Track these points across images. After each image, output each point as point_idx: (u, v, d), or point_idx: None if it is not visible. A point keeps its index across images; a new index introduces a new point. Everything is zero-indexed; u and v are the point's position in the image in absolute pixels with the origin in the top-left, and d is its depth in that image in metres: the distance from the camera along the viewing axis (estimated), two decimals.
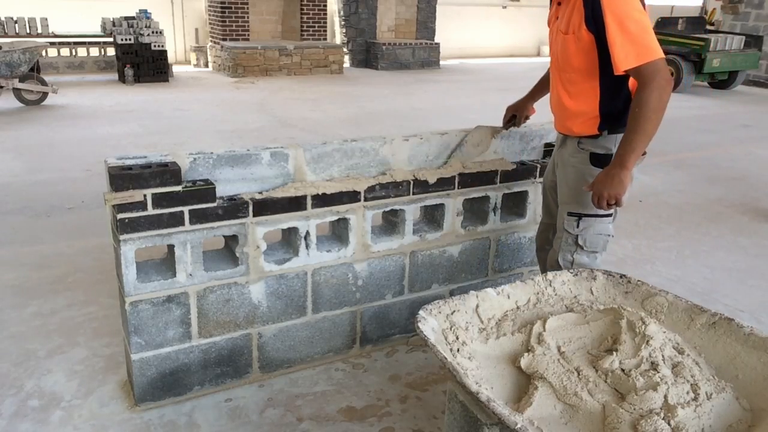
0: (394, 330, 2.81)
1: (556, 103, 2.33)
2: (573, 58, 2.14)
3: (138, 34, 10.18)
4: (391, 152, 2.64)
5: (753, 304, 3.34)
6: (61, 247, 3.79)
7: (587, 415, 1.62)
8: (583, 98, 2.19)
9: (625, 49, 1.97)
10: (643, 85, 1.98)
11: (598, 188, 2.10)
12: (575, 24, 2.08)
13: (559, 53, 2.21)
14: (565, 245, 2.31)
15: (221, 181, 2.30)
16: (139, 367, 2.28)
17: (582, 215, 2.27)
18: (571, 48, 2.13)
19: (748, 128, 8.40)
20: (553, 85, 2.34)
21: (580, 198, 2.26)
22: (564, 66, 2.20)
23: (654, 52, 1.98)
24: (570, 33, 2.11)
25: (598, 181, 2.11)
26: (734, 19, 12.88)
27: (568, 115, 2.26)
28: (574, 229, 2.29)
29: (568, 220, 2.30)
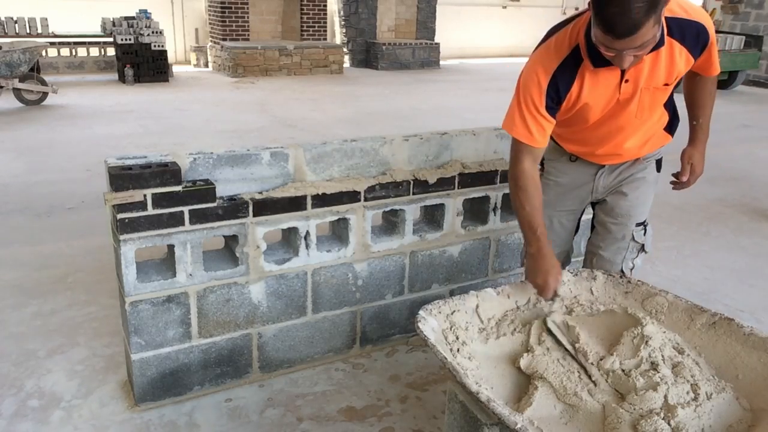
0: (394, 330, 2.81)
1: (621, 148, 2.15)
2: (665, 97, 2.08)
3: (138, 34, 10.18)
4: (391, 152, 2.64)
5: (753, 304, 3.34)
6: (61, 247, 3.79)
7: (587, 415, 1.62)
8: (660, 121, 2.16)
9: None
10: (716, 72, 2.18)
11: (701, 169, 2.32)
12: (681, 67, 1.96)
13: (649, 105, 2.02)
14: (630, 253, 2.28)
15: (221, 181, 2.30)
16: (139, 367, 2.28)
17: (645, 222, 2.29)
18: (668, 91, 2.07)
19: (748, 128, 8.40)
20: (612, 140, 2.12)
21: (647, 207, 2.28)
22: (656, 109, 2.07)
23: None
24: (674, 79, 1.99)
25: (697, 162, 2.31)
26: (734, 19, 12.88)
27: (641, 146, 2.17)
28: (641, 238, 2.28)
29: (637, 232, 2.26)
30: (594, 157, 2.23)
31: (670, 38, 1.89)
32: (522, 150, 1.98)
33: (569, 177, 2.31)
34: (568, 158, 2.28)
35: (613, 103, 1.99)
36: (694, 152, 2.32)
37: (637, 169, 2.24)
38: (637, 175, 2.24)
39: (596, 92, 1.96)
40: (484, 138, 2.82)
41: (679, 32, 1.90)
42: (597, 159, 2.23)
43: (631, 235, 2.26)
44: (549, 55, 1.94)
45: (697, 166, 2.31)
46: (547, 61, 1.93)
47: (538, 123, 1.95)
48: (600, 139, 2.14)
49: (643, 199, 2.26)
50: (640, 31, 1.63)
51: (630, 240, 2.27)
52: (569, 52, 1.91)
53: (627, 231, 2.27)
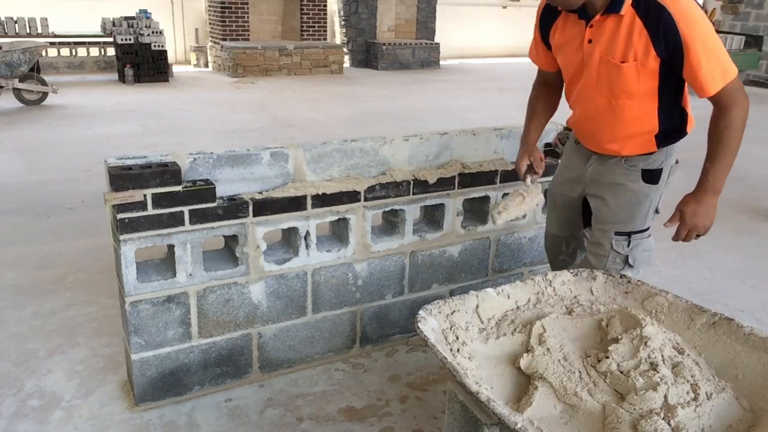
0: (394, 330, 2.81)
1: (594, 128, 2.15)
2: (632, 85, 1.96)
3: (138, 34, 10.18)
4: (391, 152, 2.64)
5: (753, 304, 3.34)
6: (61, 247, 3.79)
7: (587, 415, 1.62)
8: (639, 122, 2.05)
9: (712, 71, 1.84)
10: (730, 105, 1.89)
11: (692, 221, 2.01)
12: (639, 52, 1.88)
13: (605, 80, 1.99)
14: (612, 264, 2.21)
15: (221, 181, 2.30)
16: (139, 367, 2.28)
17: (631, 233, 2.19)
18: (630, 76, 1.94)
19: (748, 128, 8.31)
20: (588, 110, 2.13)
21: (630, 217, 2.18)
22: (617, 93, 2.00)
23: (734, 68, 1.88)
24: (630, 61, 1.90)
25: (690, 213, 2.01)
26: (734, 19, 12.88)
27: (616, 139, 2.11)
28: (624, 249, 2.20)
29: (617, 240, 2.19)
30: (579, 135, 2.28)
31: (634, 11, 1.86)
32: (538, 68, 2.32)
33: (570, 160, 2.37)
34: (575, 141, 2.36)
35: (578, 61, 2.06)
36: (689, 199, 2.05)
37: (620, 174, 2.16)
38: (619, 180, 2.16)
39: (566, 38, 2.08)
40: (484, 138, 2.82)
41: (644, 9, 1.85)
42: (582, 138, 2.27)
43: (611, 243, 2.20)
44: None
45: (688, 217, 2.04)
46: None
47: (536, 46, 2.25)
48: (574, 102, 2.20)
49: (625, 208, 2.17)
50: None
51: (610, 249, 2.21)
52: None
53: (605, 238, 2.21)
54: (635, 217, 2.19)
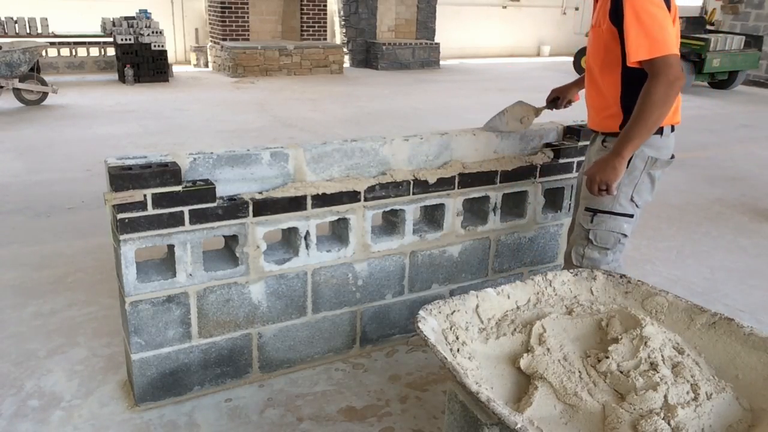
0: (394, 330, 2.81)
1: (587, 98, 2.40)
2: (600, 51, 2.22)
3: (138, 34, 10.18)
4: (391, 152, 2.64)
5: (753, 304, 3.34)
6: (61, 247, 3.79)
7: (587, 415, 1.62)
8: (606, 92, 2.26)
9: (639, 40, 2.01)
10: (652, 78, 2.02)
11: (591, 172, 2.18)
12: (600, 17, 2.17)
13: (593, 45, 2.27)
14: (578, 239, 2.37)
15: (221, 181, 2.30)
16: (139, 367, 2.28)
17: (597, 211, 2.30)
18: (599, 41, 2.21)
19: (748, 128, 8.40)
20: (586, 80, 2.41)
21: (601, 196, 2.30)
22: (594, 59, 2.28)
23: (666, 47, 2.01)
24: (597, 26, 2.20)
25: (593, 166, 2.20)
26: (734, 19, 12.88)
27: (597, 110, 2.33)
28: (587, 224, 2.33)
29: (584, 215, 2.34)
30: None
31: None
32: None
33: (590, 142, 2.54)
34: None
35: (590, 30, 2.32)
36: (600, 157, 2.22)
37: (595, 150, 2.39)
38: (592, 157, 2.38)
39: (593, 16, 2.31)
40: (484, 138, 2.82)
41: None
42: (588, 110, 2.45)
43: (581, 217, 2.35)
44: None
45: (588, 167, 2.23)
46: None
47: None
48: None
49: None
50: None
51: (580, 225, 2.35)
52: None
53: (579, 214, 2.38)
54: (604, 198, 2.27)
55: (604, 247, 2.33)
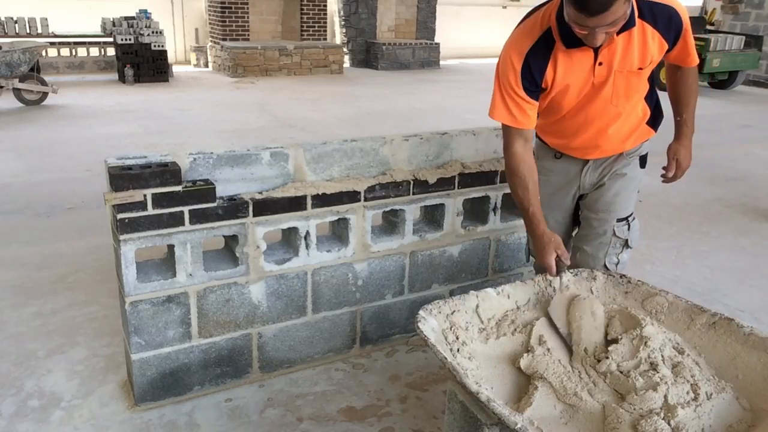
0: (394, 330, 2.81)
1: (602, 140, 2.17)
2: (642, 84, 2.10)
3: (138, 34, 10.18)
4: (391, 152, 2.64)
5: (753, 304, 3.34)
6: (61, 247, 3.79)
7: (587, 415, 1.62)
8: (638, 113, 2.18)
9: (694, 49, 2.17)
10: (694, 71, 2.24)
11: (687, 163, 2.33)
12: (654, 52, 2.01)
13: (623, 91, 2.05)
14: (613, 249, 2.28)
15: (221, 181, 2.30)
16: (139, 367, 2.28)
17: (628, 217, 2.29)
18: (643, 77, 2.08)
19: (748, 128, 8.40)
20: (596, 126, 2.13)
21: (628, 203, 2.30)
22: (633, 98, 2.10)
23: None
24: (647, 66, 2.03)
25: (683, 156, 2.31)
26: (734, 19, 12.88)
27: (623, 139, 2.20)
28: (625, 233, 2.28)
29: (618, 227, 2.27)
30: (573, 151, 2.27)
31: (642, 20, 1.96)
32: (510, 133, 2.08)
33: (556, 175, 2.34)
34: (553, 155, 2.33)
35: (588, 87, 2.04)
36: (679, 147, 2.32)
37: (621, 164, 2.27)
38: (619, 170, 2.27)
39: (571, 74, 2.01)
40: (484, 138, 2.82)
41: (650, 15, 1.97)
42: (576, 153, 2.27)
43: (613, 230, 2.28)
44: (522, 38, 2.02)
45: (683, 160, 2.33)
46: (520, 44, 2.01)
47: (518, 105, 2.02)
48: (578, 128, 2.17)
49: (624, 195, 2.27)
50: (611, 8, 1.71)
51: (612, 235, 2.28)
52: (541, 34, 1.98)
53: (608, 226, 2.28)
54: (632, 201, 2.31)
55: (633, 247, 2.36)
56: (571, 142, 2.24)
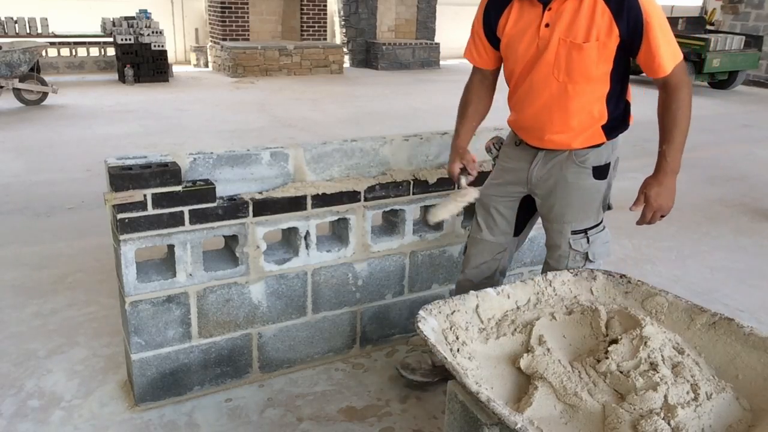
0: (394, 330, 2.81)
1: (546, 118, 2.11)
2: (592, 67, 1.97)
3: (138, 34, 10.18)
4: (391, 152, 2.64)
5: (753, 304, 3.34)
6: (61, 247, 3.79)
7: (587, 415, 1.62)
8: (590, 109, 2.06)
9: (667, 51, 1.92)
10: (679, 86, 1.96)
11: (657, 202, 2.04)
12: (601, 30, 1.91)
13: (564, 64, 1.98)
14: (573, 262, 2.23)
15: (221, 181, 2.30)
16: (139, 367, 2.28)
17: (587, 230, 2.20)
18: (590, 57, 1.95)
19: (748, 128, 8.40)
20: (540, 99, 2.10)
21: (584, 214, 2.19)
22: (575, 77, 2.00)
23: (680, 51, 1.98)
24: (593, 41, 1.92)
25: (655, 195, 2.04)
26: (734, 19, 12.88)
27: (568, 128, 2.09)
28: (583, 247, 2.21)
29: (574, 239, 2.20)
30: (525, 133, 2.22)
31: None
32: (472, 70, 2.28)
33: (512, 162, 2.30)
34: (515, 143, 2.30)
35: (533, 49, 2.04)
36: (651, 182, 2.07)
37: (571, 171, 2.15)
38: (570, 178, 2.15)
39: (520, 28, 2.05)
40: (485, 138, 2.82)
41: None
42: (527, 135, 2.21)
43: (569, 242, 2.20)
44: None
45: (653, 199, 2.05)
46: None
47: (477, 45, 2.21)
48: (524, 97, 2.14)
49: (578, 206, 2.17)
50: None
51: (568, 248, 2.21)
52: None
53: (562, 238, 2.21)
54: (589, 214, 2.19)
55: (599, 261, 2.26)
56: (520, 116, 2.20)
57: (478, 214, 2.39)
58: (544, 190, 2.21)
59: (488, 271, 2.40)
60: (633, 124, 2.22)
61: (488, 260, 2.39)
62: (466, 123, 2.32)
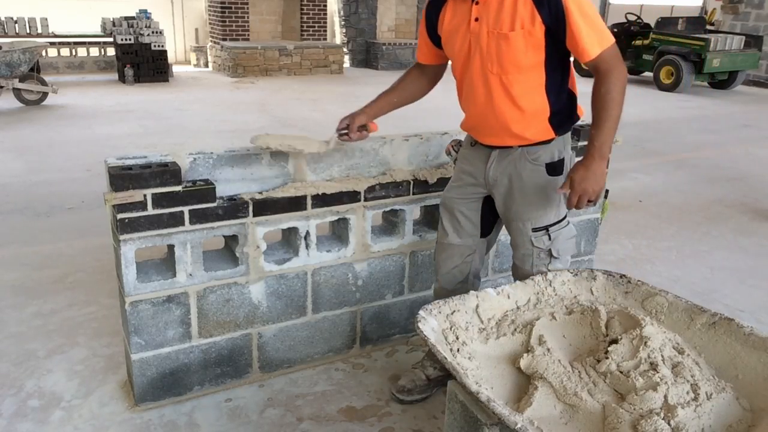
0: (394, 330, 2.81)
1: (490, 114, 2.12)
2: (521, 56, 1.98)
3: (138, 34, 10.18)
4: (391, 152, 2.64)
5: (753, 304, 3.34)
6: (61, 247, 3.79)
7: (587, 415, 1.62)
8: (530, 99, 2.06)
9: (590, 35, 1.91)
10: (609, 71, 1.94)
11: (582, 186, 1.98)
12: (525, 18, 1.93)
13: (495, 55, 2.01)
14: (538, 260, 2.21)
15: (221, 181, 2.30)
16: (139, 367, 2.28)
17: (549, 227, 2.18)
18: (518, 46, 1.97)
19: (748, 128, 8.40)
20: (481, 96, 2.12)
21: (543, 211, 2.17)
22: (506, 67, 2.01)
23: (610, 37, 1.96)
24: (518, 29, 1.94)
25: (579, 179, 1.98)
26: (734, 19, 12.88)
27: (516, 125, 2.09)
28: (545, 244, 2.19)
29: (536, 237, 2.18)
30: (475, 132, 2.25)
31: None
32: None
33: (469, 163, 2.31)
34: (470, 143, 2.32)
35: (467, 45, 2.09)
36: (577, 166, 2.02)
37: (525, 169, 2.14)
38: (524, 176, 2.15)
39: (455, 23, 2.12)
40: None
41: None
42: (478, 134, 2.24)
43: (530, 240, 2.19)
44: None
45: (577, 182, 1.99)
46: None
47: (423, 43, 2.35)
48: (468, 95, 2.19)
49: (536, 203, 2.16)
50: None
51: (531, 246, 2.19)
52: None
53: (524, 237, 2.20)
54: (548, 210, 2.17)
55: (565, 257, 2.24)
56: (468, 115, 2.25)
57: (443, 218, 2.38)
58: (501, 189, 2.22)
59: (461, 275, 2.40)
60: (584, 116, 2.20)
61: (459, 264, 2.38)
62: (388, 94, 2.50)
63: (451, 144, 2.51)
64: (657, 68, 11.19)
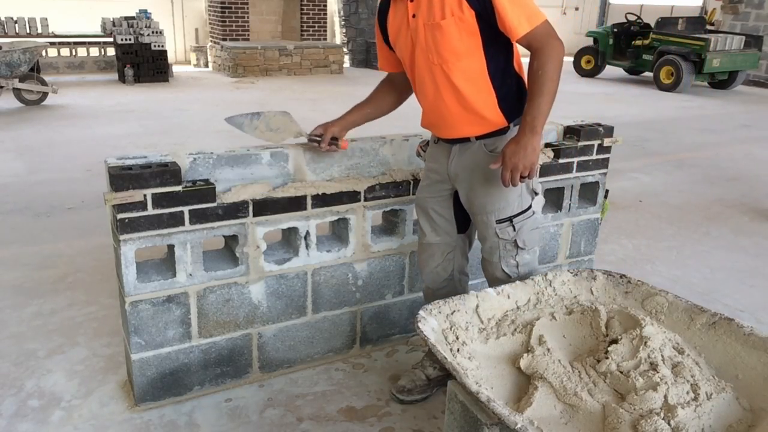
0: (394, 330, 2.81)
1: (441, 106, 2.16)
2: (456, 43, 2.01)
3: (138, 34, 10.18)
4: (391, 152, 2.64)
5: (753, 304, 3.34)
6: (61, 247, 3.79)
7: (587, 415, 1.63)
8: (476, 86, 2.08)
9: (516, 14, 1.93)
10: (541, 48, 1.95)
11: (512, 161, 1.95)
12: (453, 6, 1.97)
13: (433, 46, 2.05)
14: (505, 252, 2.21)
15: (221, 181, 2.30)
16: (139, 367, 2.28)
17: (512, 217, 2.18)
18: (452, 34, 2.00)
19: (748, 128, 8.40)
20: (429, 89, 2.16)
21: (505, 202, 2.17)
22: (445, 56, 2.05)
23: (541, 15, 1.98)
24: (448, 17, 1.98)
25: (510, 153, 1.96)
26: (734, 19, 12.88)
27: (467, 114, 2.12)
28: (510, 235, 2.19)
29: (500, 228, 2.18)
30: (433, 127, 2.29)
31: None
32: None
33: (434, 160, 2.34)
34: (434, 141, 2.35)
35: (410, 41, 2.13)
36: (510, 142, 2.00)
37: (484, 161, 2.14)
38: (483, 168, 2.14)
39: (396, 24, 2.18)
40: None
41: None
42: (435, 129, 2.28)
43: (495, 232, 2.19)
44: None
45: (508, 156, 1.97)
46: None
47: (379, 47, 2.37)
48: (419, 89, 2.23)
49: (497, 195, 2.15)
50: None
51: (496, 238, 2.20)
52: None
53: (489, 229, 2.20)
54: (510, 201, 2.17)
55: (533, 248, 2.25)
56: (423, 112, 2.28)
57: (420, 218, 2.41)
58: (464, 183, 2.23)
59: (445, 273, 2.41)
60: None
61: (440, 262, 2.39)
62: (361, 107, 2.56)
63: (420, 145, 2.56)
64: (657, 68, 11.20)
